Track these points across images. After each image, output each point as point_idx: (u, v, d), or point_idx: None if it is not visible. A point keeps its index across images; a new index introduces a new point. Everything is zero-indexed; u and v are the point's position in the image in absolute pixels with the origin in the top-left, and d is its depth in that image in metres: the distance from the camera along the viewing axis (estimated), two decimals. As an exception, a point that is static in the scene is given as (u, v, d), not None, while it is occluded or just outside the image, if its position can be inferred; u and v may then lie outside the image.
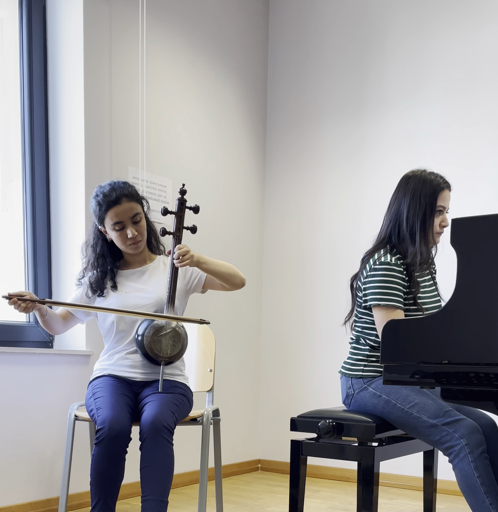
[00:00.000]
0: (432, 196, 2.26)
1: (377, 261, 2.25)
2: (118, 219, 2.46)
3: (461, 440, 2.05)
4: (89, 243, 2.59)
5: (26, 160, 3.20)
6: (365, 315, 2.33)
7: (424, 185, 2.27)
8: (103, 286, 2.54)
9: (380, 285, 2.22)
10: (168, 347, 2.42)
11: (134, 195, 2.51)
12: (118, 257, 2.61)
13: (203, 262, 2.45)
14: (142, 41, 3.43)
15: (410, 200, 2.28)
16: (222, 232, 4.04)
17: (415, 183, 2.29)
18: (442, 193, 2.28)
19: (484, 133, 3.61)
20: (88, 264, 2.58)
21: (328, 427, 2.22)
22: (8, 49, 3.17)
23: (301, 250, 4.23)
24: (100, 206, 2.47)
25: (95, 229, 2.57)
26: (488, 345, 1.57)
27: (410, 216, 2.27)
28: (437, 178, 2.29)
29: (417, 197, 2.27)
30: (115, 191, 2.46)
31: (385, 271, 2.22)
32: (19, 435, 2.96)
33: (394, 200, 2.34)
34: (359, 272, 2.35)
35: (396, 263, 2.24)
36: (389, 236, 2.33)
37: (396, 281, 2.23)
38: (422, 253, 2.25)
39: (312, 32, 4.19)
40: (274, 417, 4.29)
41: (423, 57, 3.80)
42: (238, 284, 2.55)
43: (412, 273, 2.26)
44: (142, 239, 2.53)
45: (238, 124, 4.18)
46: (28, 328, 3.17)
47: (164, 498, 2.25)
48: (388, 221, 2.35)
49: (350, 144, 4.05)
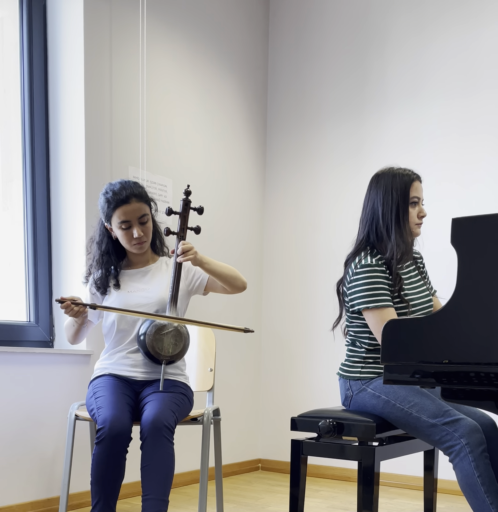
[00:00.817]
0: (403, 188, 2.27)
1: (358, 265, 2.25)
2: (125, 218, 2.47)
3: (461, 440, 2.05)
4: (95, 239, 2.59)
5: (26, 160, 3.20)
6: (355, 319, 2.32)
7: (394, 179, 2.28)
8: (107, 284, 2.55)
9: (365, 288, 2.22)
10: (170, 346, 2.43)
11: (143, 196, 2.52)
12: (122, 256, 2.62)
13: (206, 262, 2.46)
14: (142, 40, 3.44)
15: (383, 196, 2.28)
16: (222, 232, 4.04)
17: (385, 179, 2.29)
18: (413, 184, 2.29)
19: (484, 134, 3.61)
20: (93, 261, 2.59)
21: (328, 427, 2.22)
22: (8, 49, 3.17)
23: (301, 250, 4.23)
24: (109, 204, 2.47)
25: (101, 226, 2.57)
26: (488, 344, 1.57)
27: (385, 212, 2.27)
28: (406, 171, 2.31)
29: (389, 192, 2.27)
30: (125, 190, 2.47)
31: (368, 273, 2.22)
32: (19, 435, 2.96)
33: (367, 200, 2.34)
34: (343, 277, 2.34)
35: (377, 263, 2.23)
36: (367, 236, 2.32)
37: (380, 281, 2.22)
38: (399, 246, 2.25)
39: (312, 31, 4.19)
40: (274, 416, 4.29)
41: (424, 57, 3.80)
42: (240, 287, 2.56)
43: (392, 268, 2.25)
44: (147, 240, 2.54)
45: (239, 124, 4.18)
46: (28, 327, 3.17)
47: (165, 497, 2.25)
48: (364, 221, 2.34)
49: (351, 144, 4.05)
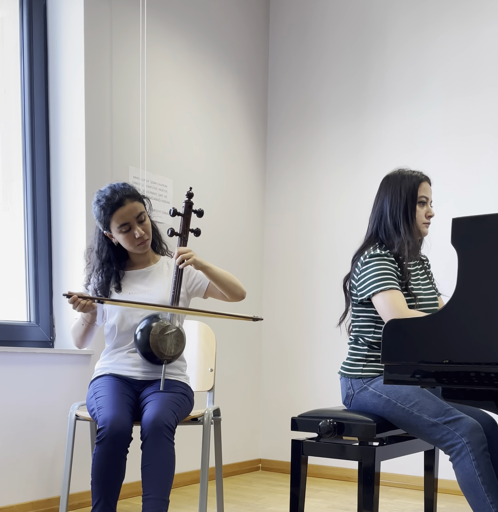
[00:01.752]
0: (412, 188, 2.33)
1: (367, 255, 2.29)
2: (124, 221, 2.46)
3: (462, 439, 2.05)
4: (94, 249, 2.57)
5: (26, 160, 3.20)
6: (361, 312, 2.34)
7: (403, 180, 2.35)
8: (108, 291, 2.54)
9: (374, 274, 2.25)
10: (172, 346, 2.44)
11: (136, 194, 2.51)
12: (123, 260, 2.61)
13: (208, 266, 2.47)
14: (142, 41, 3.44)
15: (392, 195, 2.35)
16: (222, 232, 4.04)
17: (394, 180, 2.37)
18: (422, 184, 2.35)
19: (484, 133, 3.61)
20: (93, 270, 2.57)
21: (328, 427, 2.22)
22: (8, 49, 3.17)
23: (302, 250, 4.23)
24: (105, 211, 2.46)
25: (100, 235, 2.55)
26: (489, 344, 1.57)
27: (393, 209, 2.34)
28: (415, 172, 2.37)
29: (398, 191, 2.34)
30: (117, 193, 2.45)
31: (377, 261, 2.27)
32: (20, 435, 2.96)
33: (377, 200, 2.41)
34: (351, 272, 2.38)
35: (386, 254, 2.28)
36: (376, 233, 2.38)
37: (389, 268, 2.26)
38: (408, 242, 2.30)
39: (312, 31, 4.19)
40: (275, 416, 4.29)
41: (424, 57, 3.80)
42: (239, 295, 2.56)
43: (401, 263, 2.30)
44: (149, 237, 2.53)
45: (239, 124, 4.18)
46: (29, 327, 3.17)
47: (166, 497, 2.25)
48: (373, 219, 2.41)
49: (351, 144, 4.05)
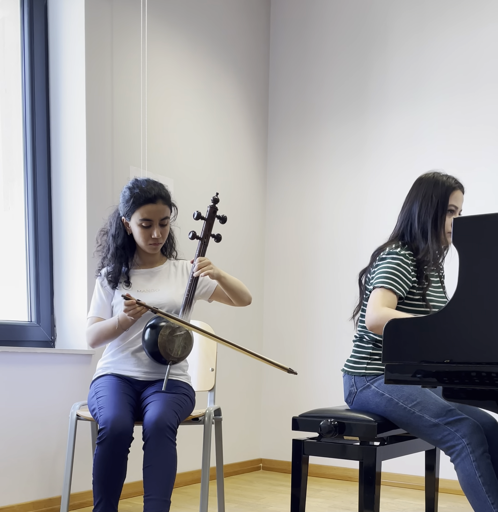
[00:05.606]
0: (444, 195, 2.31)
1: (387, 251, 2.29)
2: (148, 217, 2.46)
3: (463, 440, 2.05)
4: (110, 232, 2.56)
5: (27, 159, 3.20)
6: None
7: (436, 185, 2.32)
8: (118, 279, 2.54)
9: (383, 271, 2.25)
10: (180, 348, 2.44)
11: (168, 199, 2.52)
12: (133, 253, 2.60)
13: (223, 276, 2.49)
14: (143, 40, 3.43)
15: (422, 199, 2.33)
16: (223, 232, 4.03)
17: (427, 184, 2.34)
18: (454, 193, 2.32)
19: (485, 132, 3.61)
20: (107, 253, 2.56)
21: (329, 427, 2.22)
22: (9, 49, 3.17)
23: (302, 250, 4.23)
24: (135, 199, 2.46)
25: (118, 220, 2.55)
26: (490, 344, 1.57)
27: (422, 214, 2.32)
28: (449, 179, 2.34)
29: (429, 197, 2.32)
30: (154, 189, 2.47)
31: (392, 259, 2.26)
32: (21, 435, 2.96)
33: (407, 201, 2.39)
34: (369, 267, 2.37)
35: (405, 255, 2.27)
36: (402, 234, 2.37)
37: (401, 269, 2.24)
38: (434, 250, 2.29)
39: (313, 30, 4.19)
40: (276, 416, 4.29)
41: (425, 55, 3.80)
42: (246, 302, 2.59)
43: (422, 270, 2.28)
44: (163, 242, 2.55)
45: (240, 123, 4.18)
46: (30, 327, 3.17)
47: (167, 498, 2.25)
48: (400, 220, 2.39)
49: (351, 143, 4.04)
